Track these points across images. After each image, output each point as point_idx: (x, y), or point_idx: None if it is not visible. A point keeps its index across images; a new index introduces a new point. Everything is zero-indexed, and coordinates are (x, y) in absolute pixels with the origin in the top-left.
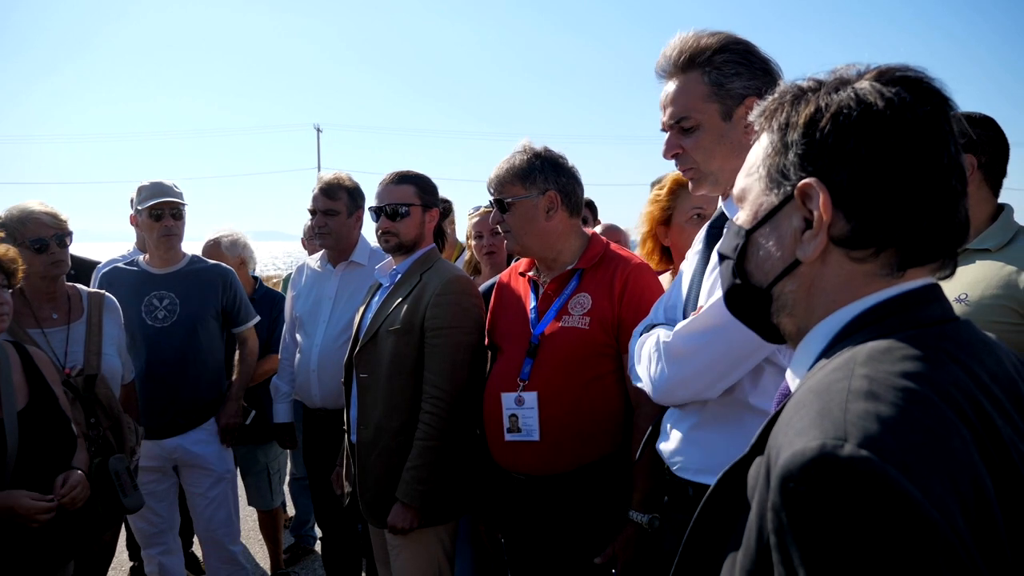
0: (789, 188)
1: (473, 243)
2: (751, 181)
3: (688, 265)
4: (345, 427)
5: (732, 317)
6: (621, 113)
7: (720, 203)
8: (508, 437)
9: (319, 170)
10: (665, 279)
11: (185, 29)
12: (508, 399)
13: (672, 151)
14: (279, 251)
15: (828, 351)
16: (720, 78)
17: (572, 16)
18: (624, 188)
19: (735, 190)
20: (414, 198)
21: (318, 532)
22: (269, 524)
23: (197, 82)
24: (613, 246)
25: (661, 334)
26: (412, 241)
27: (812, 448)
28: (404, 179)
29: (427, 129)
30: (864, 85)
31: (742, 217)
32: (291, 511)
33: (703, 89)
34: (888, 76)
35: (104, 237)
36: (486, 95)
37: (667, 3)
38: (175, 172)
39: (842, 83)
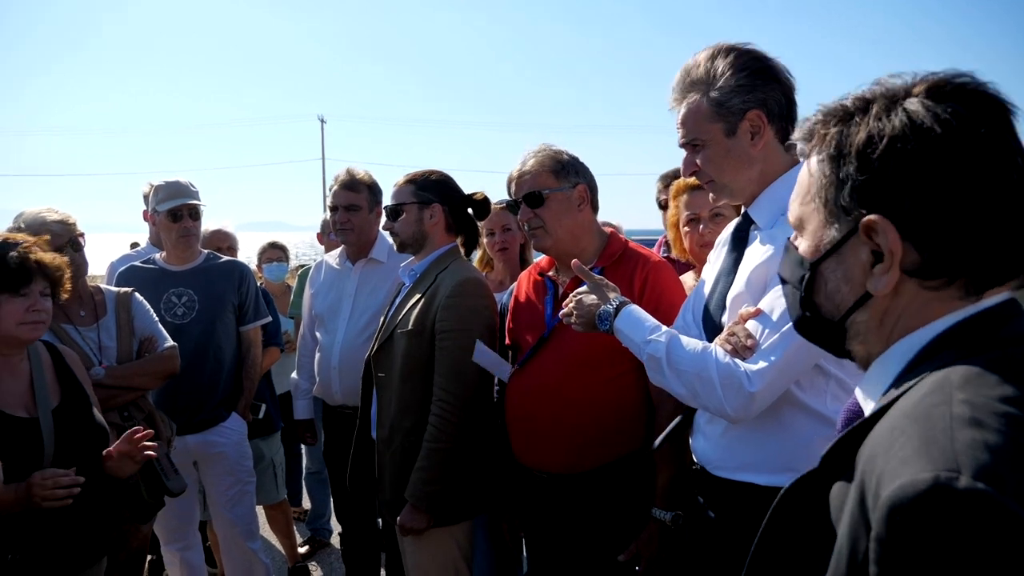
0: (851, 223)
1: (485, 240)
2: (807, 210)
3: (711, 265)
4: (359, 421)
5: (801, 341)
6: (624, 103)
7: (744, 208)
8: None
9: (323, 161)
10: (688, 278)
11: (187, 20)
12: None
13: (689, 169)
14: (285, 241)
15: (907, 373)
16: (720, 97)
17: (575, 6)
18: (628, 178)
19: (790, 216)
20: (410, 197)
21: (334, 525)
22: (279, 518)
23: (200, 74)
24: (632, 244)
25: (749, 369)
26: (411, 239)
27: (924, 480)
28: (406, 179)
29: (431, 119)
30: (915, 105)
31: (803, 246)
32: (307, 504)
33: (705, 110)
34: (940, 90)
35: (112, 228)
36: (490, 85)
37: None
38: (179, 164)
39: (891, 102)
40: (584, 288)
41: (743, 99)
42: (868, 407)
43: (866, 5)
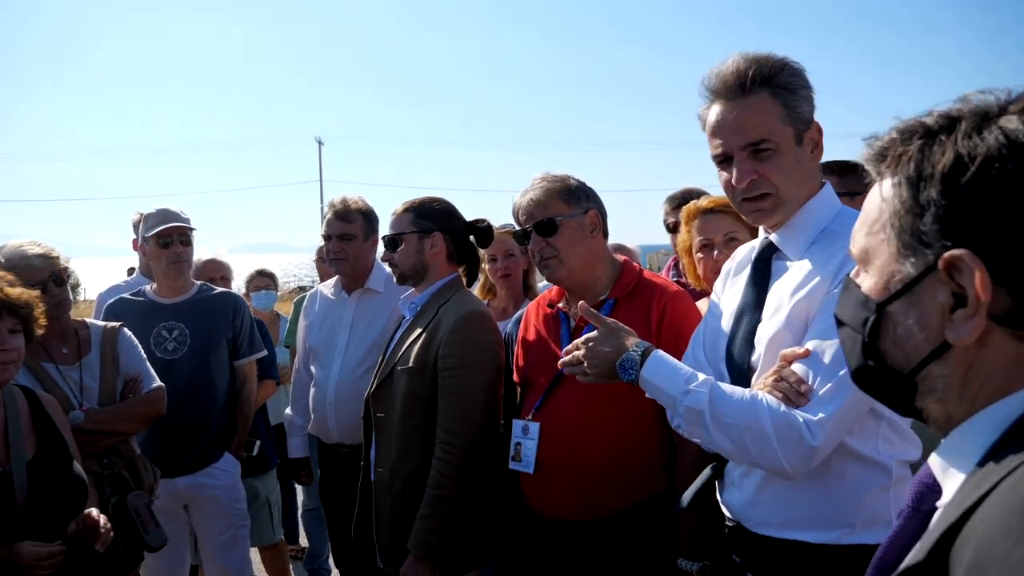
0: (931, 258)
1: (487, 266)
2: (875, 241)
3: (724, 297)
4: (363, 464)
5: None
6: (621, 121)
7: (762, 233)
8: (511, 465)
9: (321, 183)
10: (705, 305)
11: (183, 44)
12: (517, 426)
13: (748, 177)
14: (284, 263)
15: (1001, 446)
16: (791, 100)
17: (570, 26)
18: (630, 195)
19: (853, 248)
20: (409, 225)
21: (332, 564)
22: (276, 561)
23: (196, 96)
24: (647, 273)
25: (809, 419)
26: (411, 270)
27: None
28: (405, 207)
29: (429, 140)
30: (1014, 123)
31: (867, 284)
32: (304, 542)
33: (778, 111)
34: None
35: (107, 252)
36: (488, 105)
37: (656, 18)
38: (175, 187)
39: (983, 119)
40: (594, 334)
41: (810, 108)
42: (950, 484)
43: (864, 15)
